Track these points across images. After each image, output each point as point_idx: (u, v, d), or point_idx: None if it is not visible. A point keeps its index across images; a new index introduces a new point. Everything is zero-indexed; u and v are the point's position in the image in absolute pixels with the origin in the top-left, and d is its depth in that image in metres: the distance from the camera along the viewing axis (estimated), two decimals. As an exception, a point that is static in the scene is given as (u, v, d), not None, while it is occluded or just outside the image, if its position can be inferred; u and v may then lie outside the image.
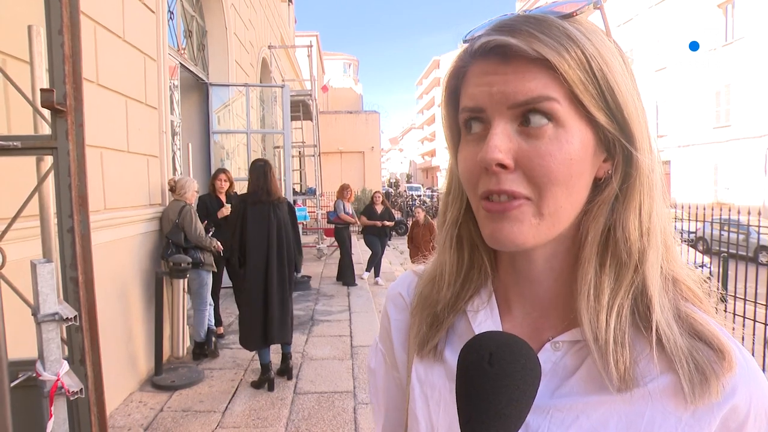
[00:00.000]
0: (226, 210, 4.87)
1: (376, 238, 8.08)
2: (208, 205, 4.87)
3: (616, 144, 0.48)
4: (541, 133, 0.45)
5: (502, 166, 0.45)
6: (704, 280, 0.54)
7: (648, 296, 0.48)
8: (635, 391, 0.47)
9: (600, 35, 0.47)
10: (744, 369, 0.47)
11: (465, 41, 0.51)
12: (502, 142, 0.45)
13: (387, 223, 8.13)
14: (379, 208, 8.14)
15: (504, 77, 0.45)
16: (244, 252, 3.74)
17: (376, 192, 8.65)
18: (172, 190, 4.30)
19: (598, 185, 0.50)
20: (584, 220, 0.49)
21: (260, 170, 3.79)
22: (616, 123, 0.47)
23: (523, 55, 0.44)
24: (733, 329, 0.52)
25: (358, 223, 8.21)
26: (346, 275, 7.72)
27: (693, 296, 0.52)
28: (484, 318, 0.56)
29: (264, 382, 3.77)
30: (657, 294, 0.48)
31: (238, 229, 3.73)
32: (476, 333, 0.53)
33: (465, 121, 0.49)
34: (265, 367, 3.80)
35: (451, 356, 0.57)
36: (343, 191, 8.09)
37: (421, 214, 8.04)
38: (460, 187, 0.55)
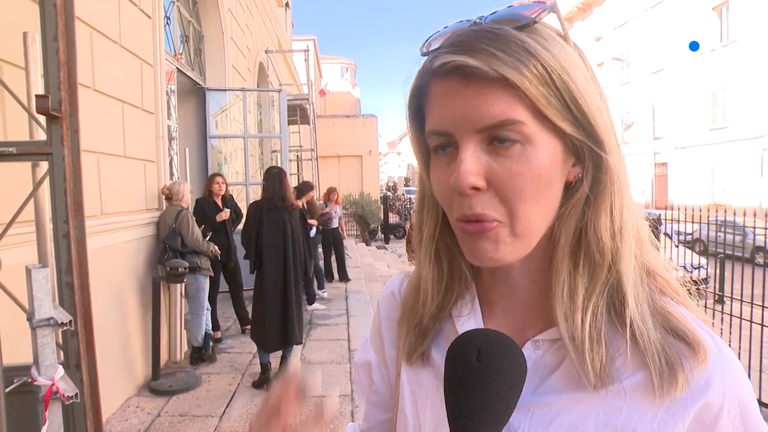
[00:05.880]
0: (225, 214, 4.88)
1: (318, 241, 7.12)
2: (205, 209, 4.88)
3: (585, 149, 0.48)
4: (510, 153, 0.45)
5: (475, 188, 0.46)
6: (694, 281, 0.55)
7: (623, 292, 0.49)
8: (612, 388, 0.48)
9: (558, 43, 0.47)
10: (718, 362, 0.47)
11: (423, 54, 0.51)
12: (473, 165, 0.45)
13: (312, 221, 6.29)
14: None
15: (467, 100, 0.45)
16: (259, 256, 3.84)
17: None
18: (168, 198, 4.30)
19: (569, 189, 0.50)
20: (557, 223, 0.50)
21: (275, 177, 3.90)
22: (583, 130, 0.47)
23: (483, 75, 0.44)
24: (721, 330, 0.52)
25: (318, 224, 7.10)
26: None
27: (669, 289, 0.53)
28: (467, 320, 0.58)
29: (264, 381, 3.83)
30: (631, 288, 0.49)
31: (254, 234, 3.82)
32: None
33: (434, 146, 0.50)
34: (265, 366, 3.88)
35: (439, 358, 0.58)
36: (329, 194, 7.78)
37: None
38: (433, 200, 0.56)
